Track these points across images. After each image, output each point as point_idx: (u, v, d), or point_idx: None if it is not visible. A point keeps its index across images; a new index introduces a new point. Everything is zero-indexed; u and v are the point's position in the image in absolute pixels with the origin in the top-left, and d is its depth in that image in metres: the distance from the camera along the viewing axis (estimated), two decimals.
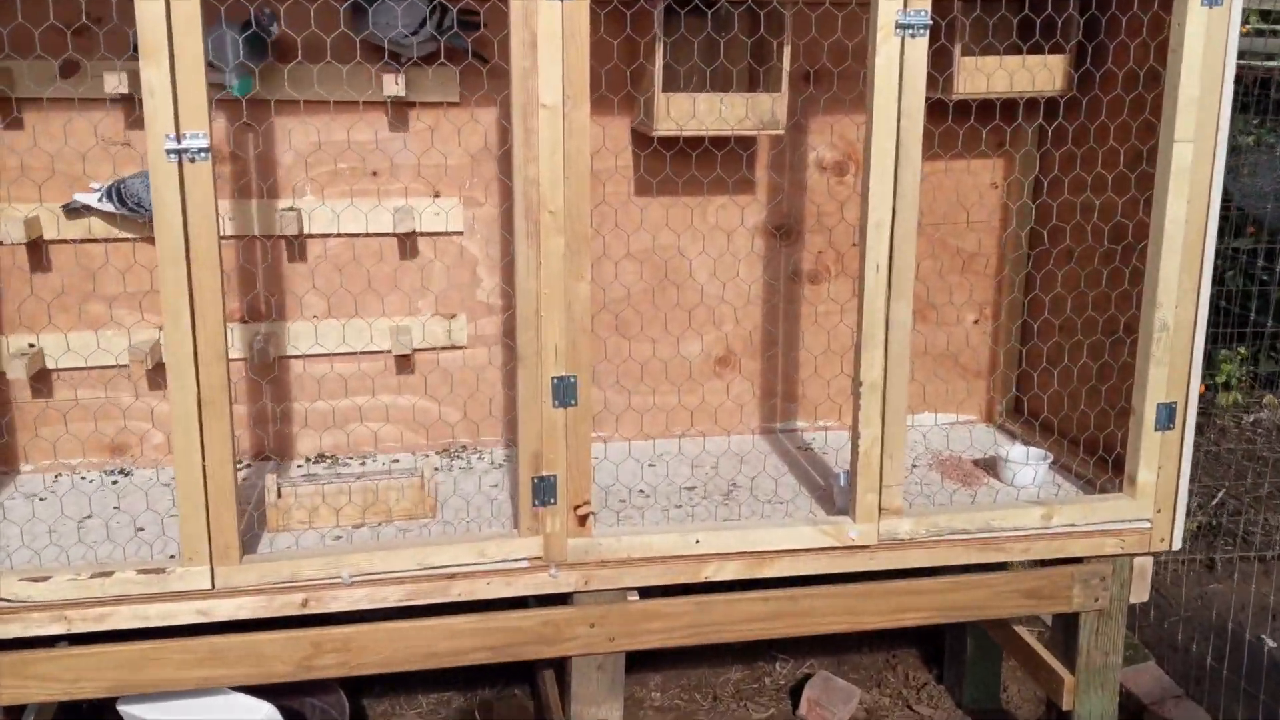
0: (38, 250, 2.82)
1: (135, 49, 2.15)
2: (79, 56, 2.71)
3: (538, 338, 2.36)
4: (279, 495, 2.60)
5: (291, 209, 2.87)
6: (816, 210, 3.18)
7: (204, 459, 2.27)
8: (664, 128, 2.74)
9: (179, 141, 2.13)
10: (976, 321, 3.36)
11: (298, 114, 2.88)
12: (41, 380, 2.89)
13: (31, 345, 2.84)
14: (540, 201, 2.31)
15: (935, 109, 2.93)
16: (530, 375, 2.37)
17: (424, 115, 2.95)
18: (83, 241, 2.83)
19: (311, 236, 2.95)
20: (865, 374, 2.48)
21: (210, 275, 2.21)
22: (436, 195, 3.00)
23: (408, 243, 3.01)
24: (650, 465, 3.02)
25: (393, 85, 2.76)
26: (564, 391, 2.39)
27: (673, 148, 2.99)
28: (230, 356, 2.28)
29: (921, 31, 2.35)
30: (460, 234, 3.03)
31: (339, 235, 2.96)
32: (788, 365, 3.27)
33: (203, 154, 2.14)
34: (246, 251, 2.93)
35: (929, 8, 2.35)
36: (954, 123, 3.09)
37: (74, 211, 2.78)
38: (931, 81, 2.56)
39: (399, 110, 2.93)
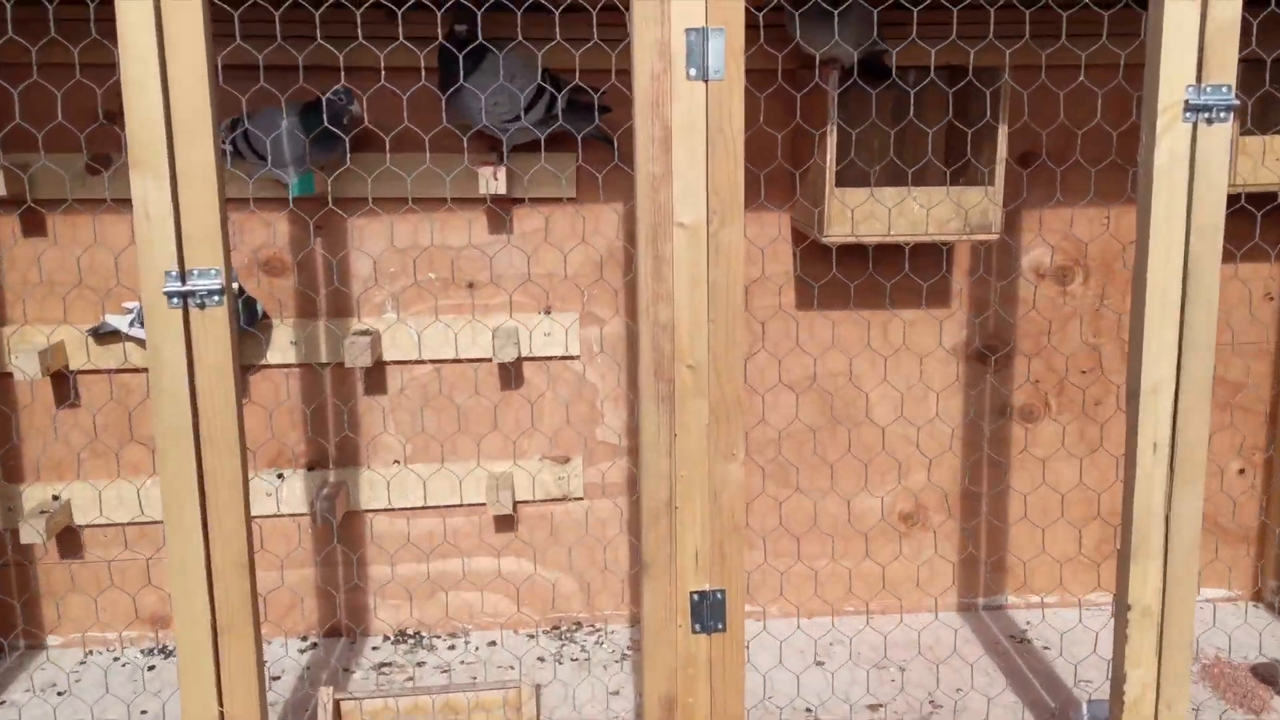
0: (63, 383, 2.31)
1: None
2: (108, 151, 2.20)
3: (671, 538, 1.71)
4: (337, 715, 2.00)
5: (366, 331, 2.30)
6: (1032, 328, 2.45)
7: (222, 703, 1.68)
8: (837, 232, 2.08)
9: (183, 281, 1.56)
10: (1242, 471, 2.57)
11: (375, 215, 2.31)
12: (69, 539, 2.38)
13: (56, 498, 2.33)
14: (675, 353, 1.66)
15: None
16: (659, 589, 1.72)
17: (532, 214, 2.35)
18: (117, 371, 2.31)
19: (391, 363, 2.38)
20: (1135, 594, 1.75)
21: (228, 460, 1.63)
22: (548, 311, 2.39)
23: (511, 370, 2.40)
24: (818, 663, 2.33)
25: (491, 180, 2.17)
26: (708, 612, 1.73)
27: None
28: (291, 511, 1.69)
29: (1223, 115, 1.63)
30: (576, 358, 2.41)
31: (425, 362, 2.38)
32: (993, 524, 2.54)
33: (215, 297, 1.57)
34: (311, 382, 2.37)
35: (1233, 82, 1.63)
36: None
37: (104, 336, 2.26)
38: None
39: (500, 208, 2.34)
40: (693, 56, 1.59)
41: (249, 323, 2.24)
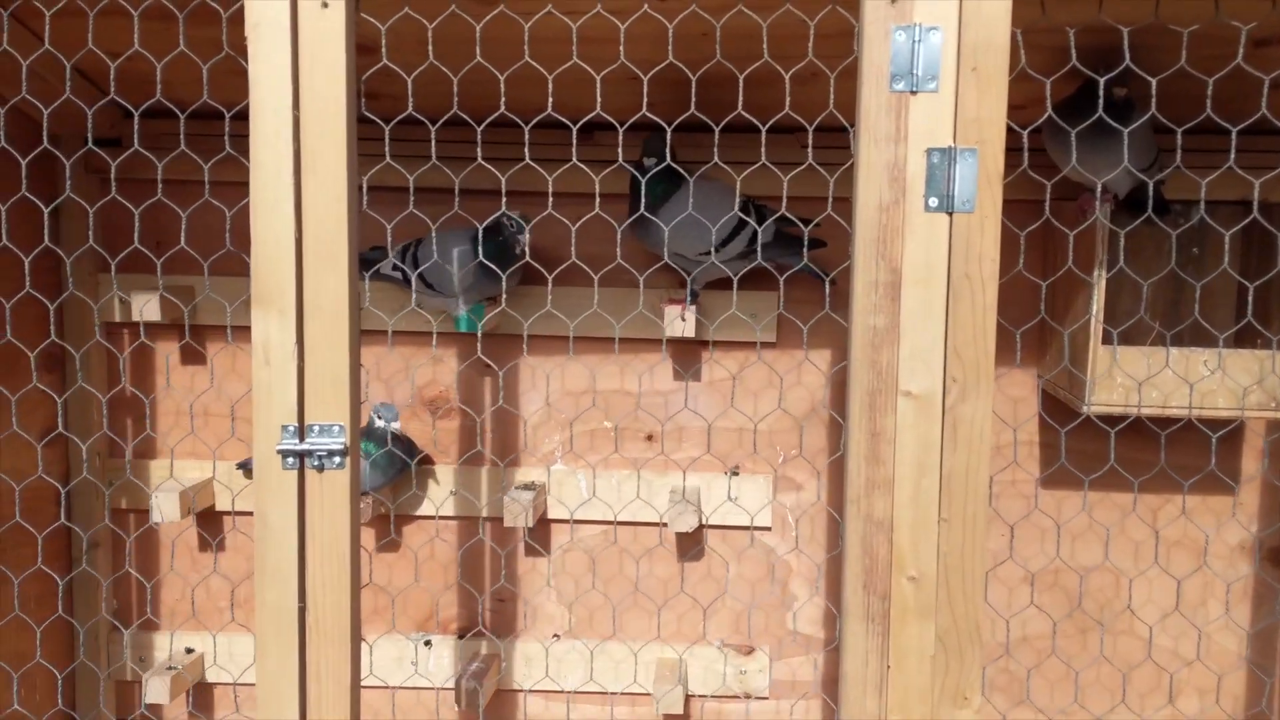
0: (210, 524, 2.12)
1: None
2: None
3: None
4: None
5: (530, 486, 2.02)
6: None
7: None
8: (1105, 400, 1.67)
9: (301, 438, 1.31)
10: None
11: (548, 354, 2.06)
12: (202, 695, 2.16)
13: (189, 651, 2.12)
14: (893, 560, 1.29)
15: None
16: None
17: (724, 359, 2.04)
18: None
19: (558, 521, 2.08)
20: None
21: (337, 651, 1.35)
22: (735, 472, 2.06)
23: (690, 539, 2.07)
24: None
25: (678, 320, 1.88)
26: None
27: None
28: (436, 683, 1.40)
29: None
30: (767, 530, 2.06)
31: (595, 522, 2.07)
32: None
33: (337, 459, 1.31)
34: (469, 535, 2.10)
35: None
36: None
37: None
38: None
39: (688, 351, 2.04)
40: (934, 183, 1.26)
41: (401, 467, 2.00)
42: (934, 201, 1.27)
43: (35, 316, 1.95)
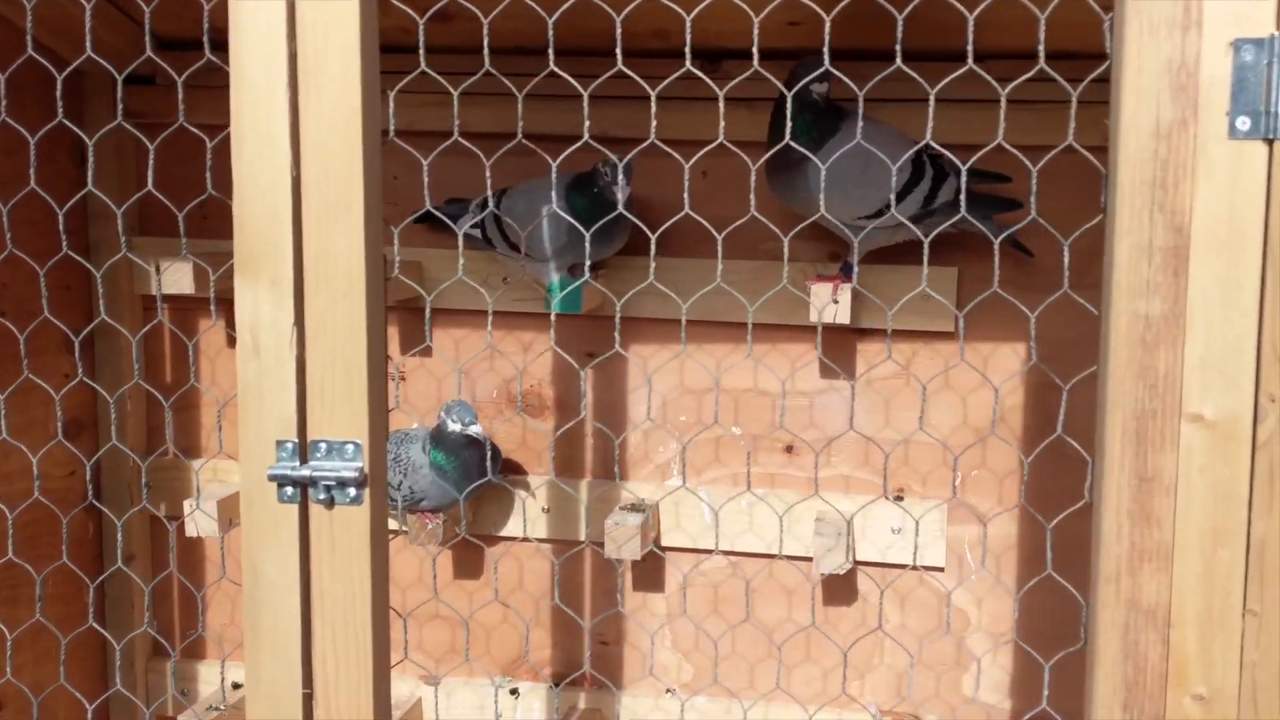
0: None
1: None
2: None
3: None
4: None
5: (639, 507, 1.62)
6: None
7: None
8: None
9: (302, 459, 0.94)
10: None
11: (667, 340, 1.65)
12: None
13: (237, 686, 1.80)
14: (1169, 669, 0.85)
15: None
16: None
17: (886, 353, 1.61)
18: None
19: (675, 550, 1.68)
20: None
21: None
22: (899, 496, 1.62)
23: (840, 578, 1.64)
24: None
25: (829, 301, 1.45)
26: None
27: None
28: None
29: None
30: (939, 570, 1.61)
31: (719, 552, 1.66)
32: None
33: (352, 490, 0.93)
34: (569, 562, 1.72)
35: None
36: None
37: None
38: None
39: (840, 342, 1.61)
40: (1244, 94, 0.81)
41: (479, 479, 1.62)
42: (1244, 123, 0.82)
43: (58, 287, 1.64)
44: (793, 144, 1.40)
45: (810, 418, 1.63)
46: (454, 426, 1.55)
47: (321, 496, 0.93)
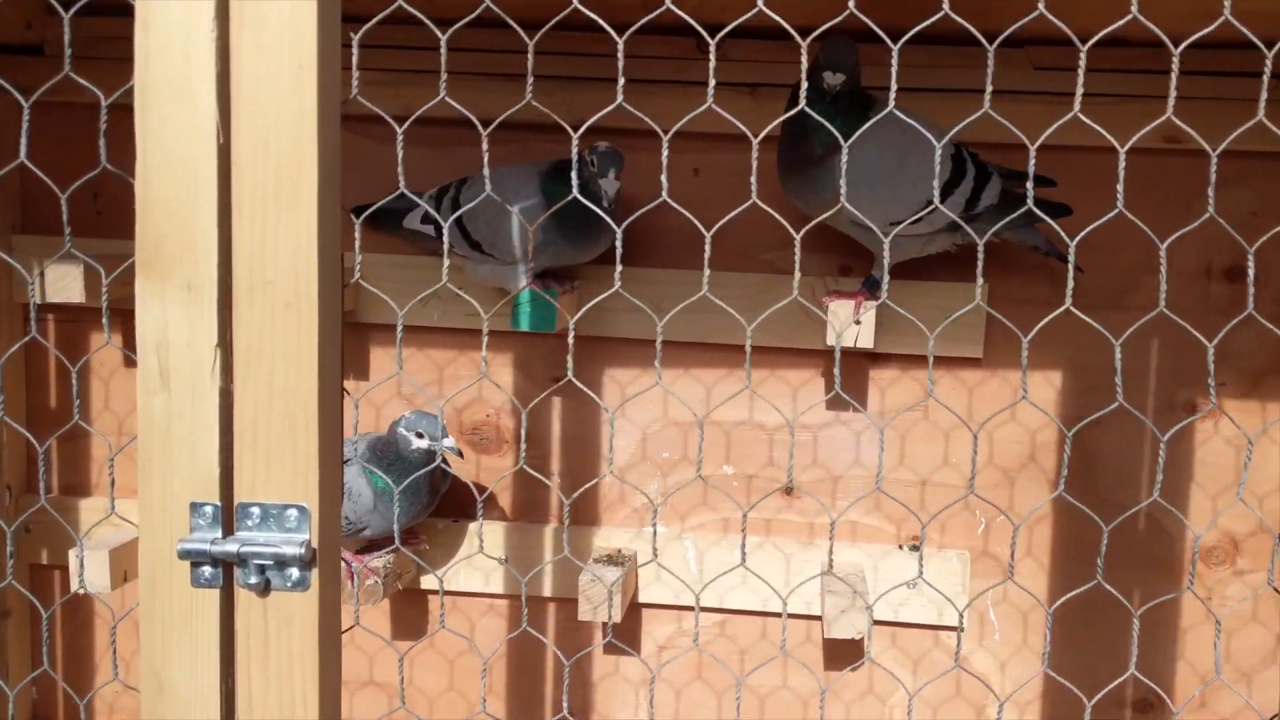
0: None
1: None
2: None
3: None
4: None
5: (617, 558, 1.39)
6: None
7: None
8: None
9: (226, 530, 0.69)
10: None
11: (651, 364, 1.43)
12: None
13: None
14: None
15: None
16: None
17: (903, 380, 1.40)
18: None
19: (654, 607, 1.45)
20: None
21: None
22: (915, 546, 1.41)
23: (842, 640, 1.43)
24: None
25: (849, 322, 1.24)
26: None
27: None
28: None
29: None
30: (956, 630, 1.41)
31: (707, 610, 1.44)
32: None
33: (295, 572, 0.69)
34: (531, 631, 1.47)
35: None
36: None
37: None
38: None
39: (849, 367, 1.40)
40: None
41: (433, 499, 1.37)
42: None
43: None
44: (814, 135, 1.19)
45: (814, 455, 1.42)
46: (418, 444, 1.30)
47: (253, 580, 0.69)
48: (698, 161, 1.40)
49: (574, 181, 1.21)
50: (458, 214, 1.12)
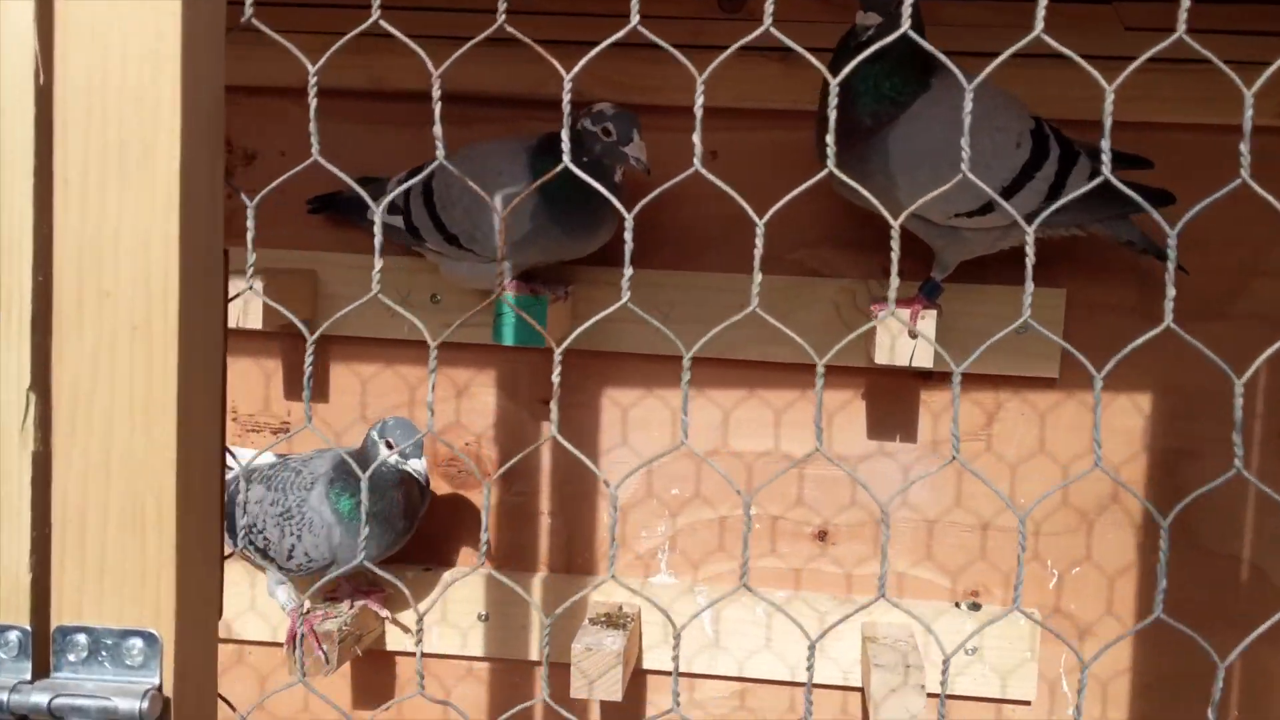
0: None
1: None
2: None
3: None
4: None
5: (618, 619, 1.16)
6: None
7: None
8: None
9: (39, 672, 0.45)
10: None
11: (659, 383, 1.20)
12: None
13: None
14: None
15: None
16: None
17: (963, 406, 1.18)
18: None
19: (661, 674, 1.22)
20: None
21: None
22: (974, 605, 1.18)
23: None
24: None
25: (901, 333, 1.01)
26: None
27: None
28: None
29: None
30: (1025, 704, 1.18)
31: (723, 678, 1.21)
32: None
33: None
34: (511, 695, 1.25)
35: None
36: None
37: None
38: None
39: (895, 388, 1.18)
40: None
41: (411, 526, 1.14)
42: None
43: None
44: (859, 102, 0.96)
45: (853, 493, 1.19)
46: (384, 454, 1.07)
47: None
48: (716, 142, 1.17)
49: (565, 149, 0.98)
50: (424, 198, 0.89)
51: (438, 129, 0.58)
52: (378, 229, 0.56)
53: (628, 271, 0.57)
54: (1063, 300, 1.12)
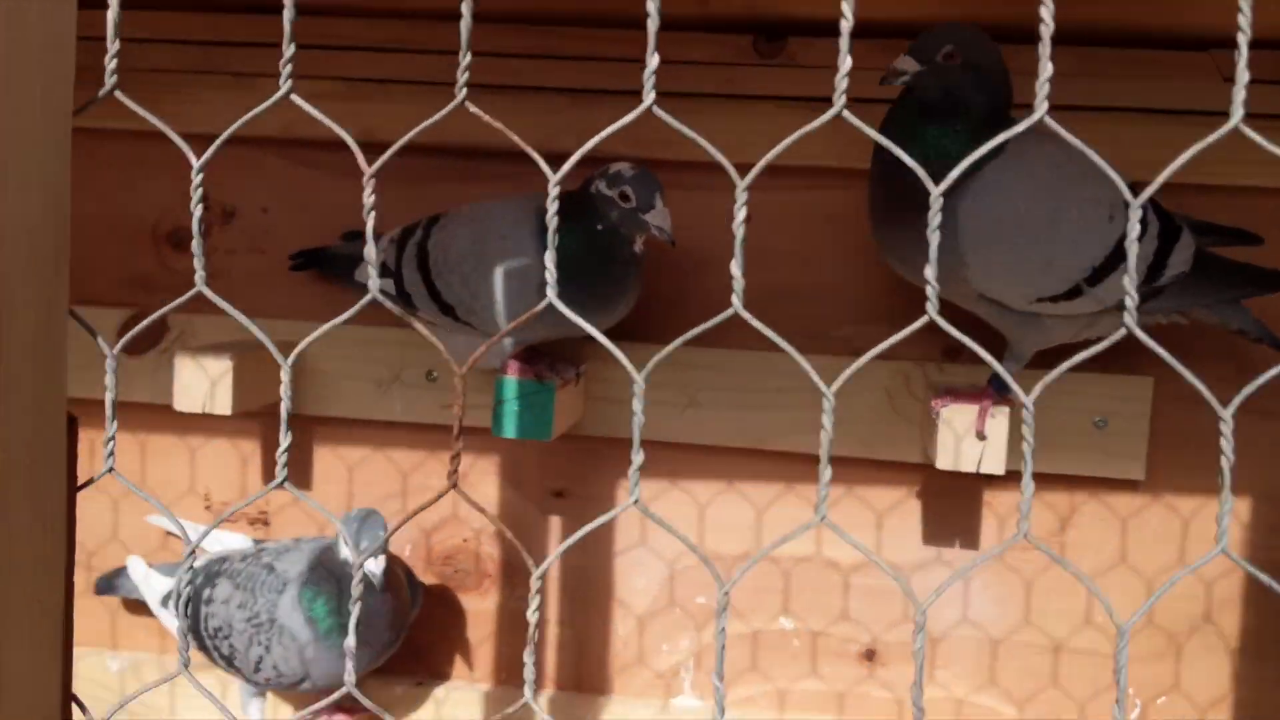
0: None
1: None
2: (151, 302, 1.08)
3: None
4: None
5: None
6: None
7: None
8: None
9: None
10: None
11: (685, 475, 1.06)
12: None
13: None
14: None
15: None
16: None
17: (1036, 508, 1.02)
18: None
19: None
20: None
21: None
22: None
23: None
24: None
25: (965, 431, 0.87)
26: None
27: None
28: None
29: None
30: None
31: None
32: None
33: None
34: None
35: None
36: None
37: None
38: None
39: (955, 488, 1.03)
40: None
41: (397, 634, 1.01)
42: None
43: None
44: (917, 167, 0.83)
45: (905, 606, 1.04)
46: (345, 554, 0.95)
47: None
48: (751, 203, 1.03)
49: (582, 216, 0.85)
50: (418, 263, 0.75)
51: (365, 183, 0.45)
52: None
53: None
54: (1150, 390, 0.97)
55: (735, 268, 0.45)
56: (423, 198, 1.03)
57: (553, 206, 0.48)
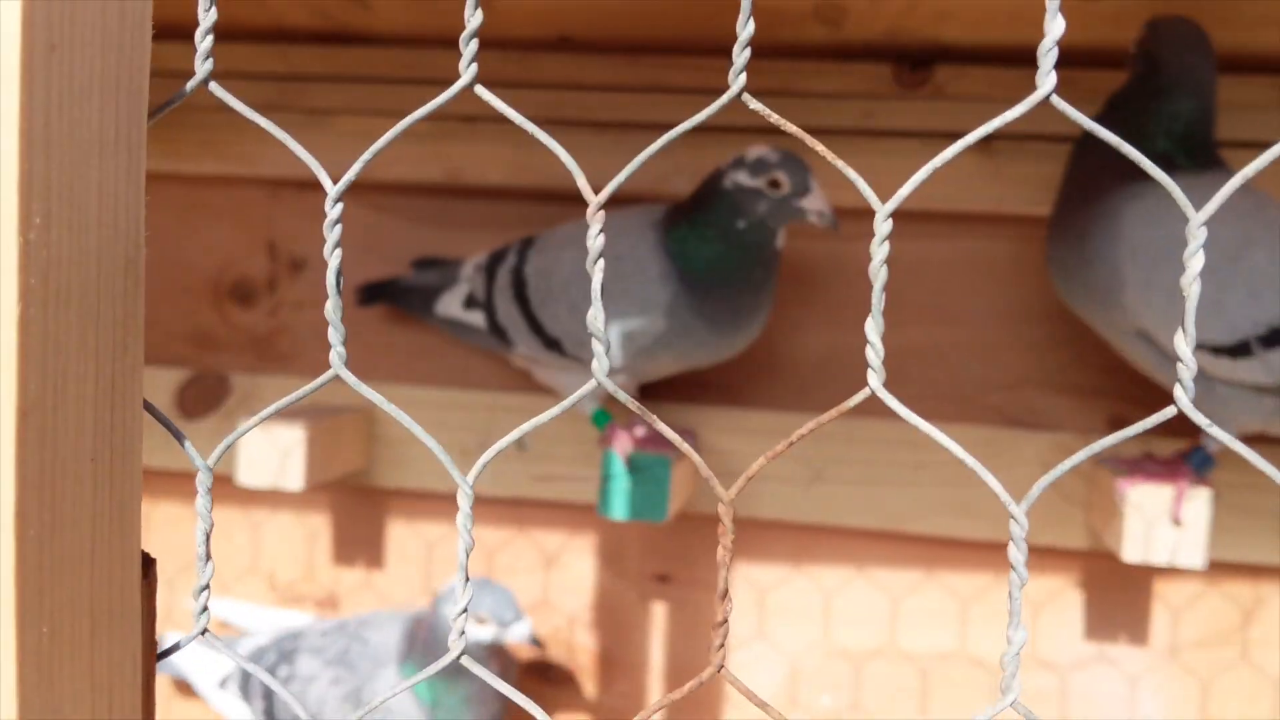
0: None
1: None
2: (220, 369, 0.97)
3: None
4: None
5: None
6: None
7: None
8: None
9: None
10: None
11: (795, 556, 0.94)
12: None
13: None
14: None
15: None
16: None
17: (1208, 597, 0.90)
18: None
19: None
20: None
21: None
22: None
23: None
24: None
25: (1159, 525, 0.74)
26: None
27: None
28: None
29: None
30: None
31: None
32: None
33: None
34: None
35: None
36: None
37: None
38: None
39: (1122, 576, 0.90)
40: None
41: (503, 710, 0.90)
42: None
43: None
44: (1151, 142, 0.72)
45: (1064, 708, 0.91)
46: (480, 633, 0.84)
47: None
48: (891, 252, 0.92)
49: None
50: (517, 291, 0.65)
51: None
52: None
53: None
54: None
55: (872, 330, 0.33)
56: (499, 241, 0.92)
57: (596, 241, 0.37)
